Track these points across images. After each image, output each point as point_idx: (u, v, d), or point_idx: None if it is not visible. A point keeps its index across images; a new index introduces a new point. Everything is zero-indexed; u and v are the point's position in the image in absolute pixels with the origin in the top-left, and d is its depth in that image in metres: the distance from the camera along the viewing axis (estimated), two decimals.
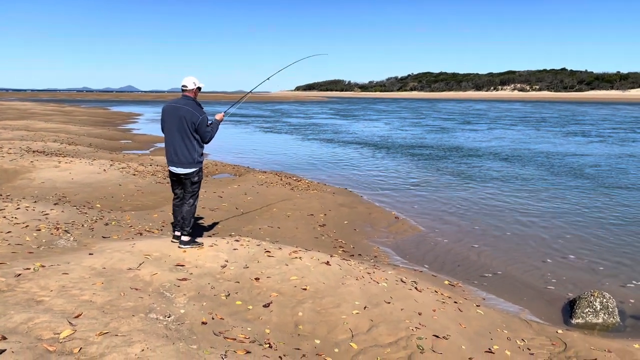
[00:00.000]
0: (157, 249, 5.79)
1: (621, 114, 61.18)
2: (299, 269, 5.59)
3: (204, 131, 5.88)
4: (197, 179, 6.05)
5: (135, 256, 5.50)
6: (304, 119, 50.17)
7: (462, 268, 7.39)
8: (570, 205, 11.54)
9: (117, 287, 4.64)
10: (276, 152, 22.32)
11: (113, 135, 27.37)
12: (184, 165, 5.89)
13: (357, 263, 6.29)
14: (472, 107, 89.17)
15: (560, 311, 5.98)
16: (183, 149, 5.83)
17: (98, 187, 10.45)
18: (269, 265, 5.60)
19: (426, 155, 20.90)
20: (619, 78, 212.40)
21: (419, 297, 5.36)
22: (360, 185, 13.96)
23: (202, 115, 5.88)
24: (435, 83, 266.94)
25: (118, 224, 7.50)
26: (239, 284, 5.07)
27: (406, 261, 7.54)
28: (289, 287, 5.11)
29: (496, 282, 6.83)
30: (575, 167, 17.32)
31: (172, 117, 5.86)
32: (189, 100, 5.91)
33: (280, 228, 8.42)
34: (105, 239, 6.56)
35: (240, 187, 11.63)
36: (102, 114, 52.05)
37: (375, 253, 7.76)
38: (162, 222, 7.98)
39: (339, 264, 5.99)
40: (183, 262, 5.46)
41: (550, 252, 8.17)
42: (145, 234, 7.05)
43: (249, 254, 5.90)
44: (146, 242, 6.15)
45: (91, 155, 16.10)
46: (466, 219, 10.31)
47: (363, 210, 10.43)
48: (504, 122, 44.63)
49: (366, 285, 5.41)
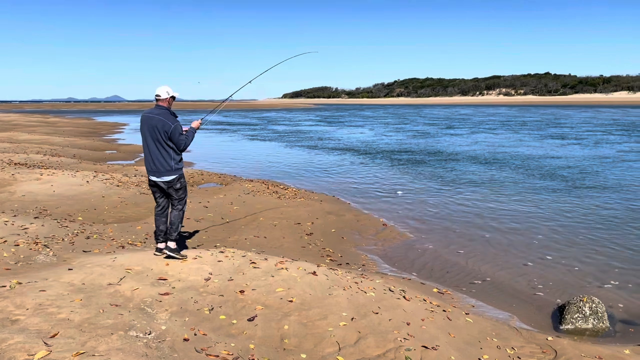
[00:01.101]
0: (139, 263, 5.64)
1: (603, 116, 61.91)
2: (285, 280, 5.48)
3: (178, 139, 5.83)
4: (180, 186, 6.01)
5: (116, 270, 5.36)
6: (291, 126, 50.11)
7: (451, 275, 7.32)
8: (550, 208, 11.56)
9: (96, 303, 4.49)
10: (263, 160, 22.20)
11: (98, 145, 27.08)
12: (162, 174, 5.86)
13: (345, 272, 6.19)
14: (458, 112, 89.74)
15: (549, 317, 5.93)
16: (159, 158, 5.82)
17: (80, 199, 10.25)
18: (255, 277, 5.48)
19: (411, 161, 20.92)
20: (602, 81, 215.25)
21: (407, 306, 5.27)
22: (348, 193, 13.89)
23: (174, 123, 5.81)
24: (422, 89, 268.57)
25: (100, 237, 7.34)
26: (223, 297, 4.95)
27: (394, 269, 7.46)
28: (274, 299, 5.00)
29: (485, 288, 6.76)
30: (553, 170, 17.41)
31: (147, 127, 5.85)
32: (162, 109, 5.89)
33: (266, 238, 8.30)
34: (86, 253, 6.40)
35: (227, 196, 11.49)
36: (87, 124, 51.59)
37: (363, 261, 7.67)
38: (145, 234, 7.82)
39: (326, 274, 5.89)
40: (165, 276, 5.32)
41: (536, 256, 8.14)
42: (127, 247, 6.90)
43: (233, 266, 5.78)
44: (128, 255, 6.00)
45: (75, 166, 15.86)
46: (453, 224, 10.27)
47: (351, 217, 10.34)
48: (487, 126, 44.93)
49: (354, 296, 5.31)
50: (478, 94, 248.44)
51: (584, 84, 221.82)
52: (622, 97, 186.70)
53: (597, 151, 23.45)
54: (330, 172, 18.16)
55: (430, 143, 29.20)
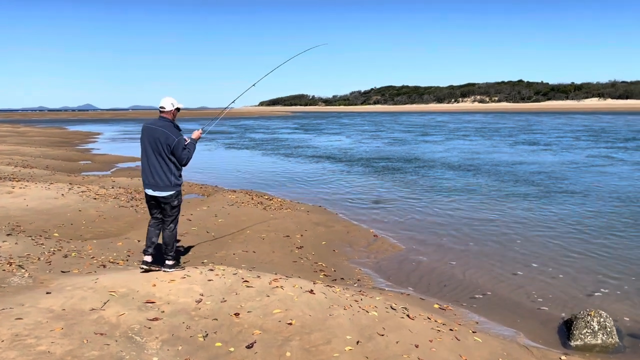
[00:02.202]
0: (123, 284, 5.24)
1: (575, 122, 63.11)
2: (282, 300, 5.14)
3: (181, 154, 5.68)
4: (177, 203, 5.89)
5: (98, 293, 4.95)
6: (269, 134, 49.72)
7: (450, 288, 7.07)
8: (538, 215, 11.47)
9: (79, 332, 4.09)
10: (243, 169, 21.78)
11: (71, 156, 26.29)
12: (160, 189, 5.69)
13: (343, 289, 5.88)
14: (435, 119, 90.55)
15: (556, 333, 5.71)
16: (159, 172, 5.65)
17: (56, 213, 9.73)
18: (249, 298, 5.13)
19: (391, 168, 20.78)
20: (574, 89, 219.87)
21: (412, 326, 4.99)
22: (334, 202, 13.61)
23: (178, 137, 5.64)
24: (398, 96, 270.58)
25: (78, 255, 6.88)
26: (217, 321, 4.59)
27: (391, 283, 7.18)
28: (272, 322, 4.66)
29: (486, 303, 6.52)
30: (537, 178, 17.44)
31: (149, 138, 5.66)
32: (166, 121, 5.73)
33: (255, 252, 7.94)
34: (65, 273, 5.95)
35: (210, 208, 11.09)
36: (60, 133, 50.34)
37: (357, 276, 7.37)
38: (127, 251, 7.39)
39: (324, 291, 5.57)
40: (153, 298, 4.94)
41: (532, 266, 7.96)
42: (109, 265, 6.47)
43: (225, 285, 5.42)
44: (111, 275, 5.59)
45: (48, 178, 15.23)
46: (443, 233, 10.08)
47: (340, 229, 10.05)
48: (464, 132, 45.27)
49: (355, 316, 5.00)
50: (453, 102, 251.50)
51: (556, 91, 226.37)
52: (592, 103, 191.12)
53: (581, 157, 23.69)
54: (313, 181, 17.87)
55: (409, 150, 29.21)
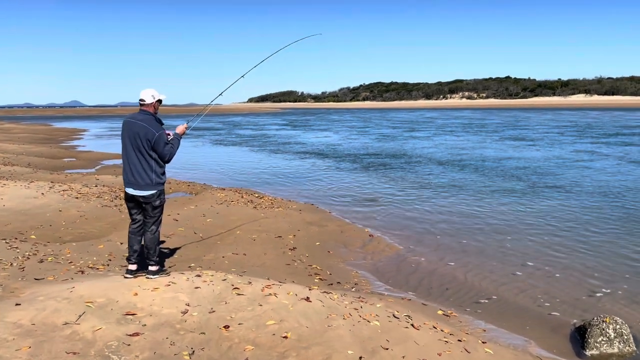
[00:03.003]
0: (102, 293, 4.78)
1: (563, 118, 63.31)
2: (276, 309, 4.72)
3: (162, 150, 5.23)
4: (159, 203, 5.42)
5: (74, 305, 4.49)
6: (258, 130, 49.16)
7: (452, 292, 6.69)
8: (534, 212, 11.18)
9: (49, 351, 3.65)
10: (232, 166, 21.30)
11: (55, 153, 25.61)
12: (140, 187, 5.25)
13: (341, 296, 5.46)
14: (424, 115, 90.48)
15: (568, 341, 5.35)
16: (139, 169, 5.21)
17: (34, 214, 9.21)
18: (240, 307, 4.70)
19: (382, 165, 20.44)
20: (560, 85, 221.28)
21: (418, 337, 4.59)
22: (325, 200, 13.20)
23: (158, 131, 5.21)
24: (387, 93, 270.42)
25: (55, 259, 6.40)
26: (205, 335, 4.15)
27: (390, 287, 6.78)
28: (266, 335, 4.24)
29: (491, 308, 6.15)
30: (531, 173, 17.18)
31: (128, 134, 5.24)
32: (146, 115, 5.31)
33: (246, 255, 7.50)
34: (39, 281, 5.47)
35: (198, 207, 10.62)
36: (44, 130, 49.42)
37: (355, 279, 6.96)
38: (108, 255, 6.91)
39: (321, 299, 5.15)
40: (134, 310, 4.49)
41: (534, 266, 7.62)
42: (88, 271, 5.99)
43: (214, 293, 4.98)
44: (89, 283, 5.12)
45: (29, 176, 14.65)
46: (439, 232, 9.73)
47: (334, 228, 9.64)
48: (453, 129, 45.09)
49: (356, 326, 4.60)
50: (442, 98, 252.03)
51: (543, 87, 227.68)
52: (579, 99, 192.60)
53: (568, 152, 23.52)
54: (304, 178, 17.45)
55: (398, 146, 28.90)
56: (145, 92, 5.34)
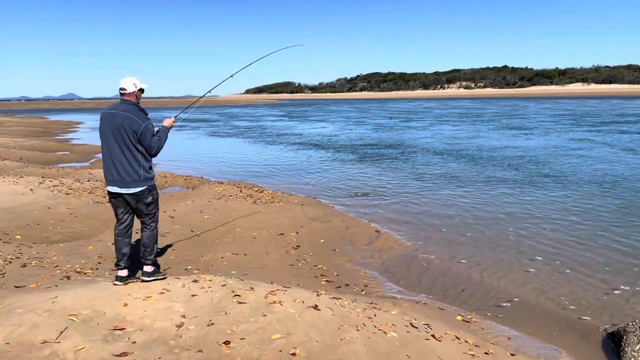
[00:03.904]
0: (87, 303, 4.30)
1: (561, 107, 62.80)
2: (281, 320, 4.24)
3: (150, 142, 4.78)
4: (152, 199, 4.96)
5: (55, 318, 4.01)
6: (255, 122, 48.54)
7: (469, 294, 6.22)
8: (543, 204, 10.70)
9: None
10: (229, 159, 20.77)
11: (49, 146, 25.01)
12: (128, 185, 4.77)
13: (351, 302, 4.98)
14: (422, 105, 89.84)
15: (600, 349, 4.89)
16: (125, 165, 4.74)
17: (21, 212, 8.69)
18: (241, 318, 4.23)
19: (382, 156, 19.94)
20: (558, 74, 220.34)
21: (441, 350, 4.12)
22: (326, 193, 12.71)
23: (145, 122, 4.76)
24: (384, 83, 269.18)
25: (40, 263, 5.89)
26: (203, 354, 3.68)
27: (402, 289, 6.31)
28: (272, 352, 3.76)
29: (514, 312, 5.68)
30: (538, 164, 16.70)
31: (110, 126, 4.75)
32: (129, 105, 4.83)
33: (247, 255, 7.01)
34: (19, 289, 4.97)
35: (195, 202, 10.11)
36: (39, 123, 48.73)
37: (364, 280, 6.49)
38: (98, 257, 6.41)
39: (331, 306, 4.68)
40: (123, 323, 4.01)
41: (553, 264, 7.15)
42: (74, 277, 5.49)
43: (212, 302, 4.50)
44: (74, 292, 4.63)
45: (19, 171, 14.10)
46: (449, 227, 9.26)
47: (338, 224, 9.15)
48: (454, 119, 44.55)
49: (372, 339, 4.12)
50: (439, 88, 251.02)
51: (541, 76, 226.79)
52: (577, 88, 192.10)
53: (573, 142, 23.05)
54: (303, 170, 16.95)
55: (398, 137, 28.40)
56: (125, 80, 4.84)
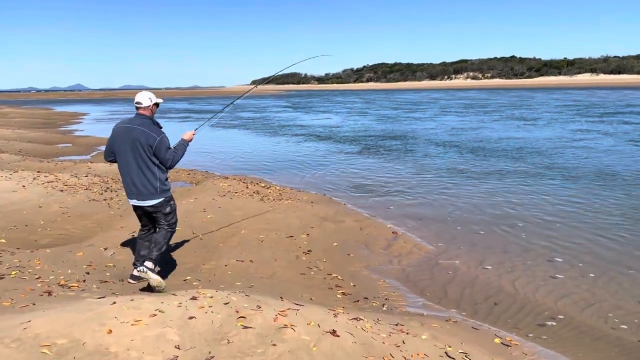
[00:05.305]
0: (65, 330, 3.62)
1: (571, 97, 61.57)
2: (294, 351, 3.56)
3: (165, 155, 4.94)
4: (170, 210, 5.18)
5: (24, 351, 3.33)
6: (260, 113, 47.79)
7: (502, 308, 5.52)
8: (571, 202, 9.93)
9: None
10: (233, 151, 20.07)
11: (51, 138, 24.42)
12: (144, 197, 5.01)
13: (374, 324, 4.30)
14: (430, 96, 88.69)
15: None
16: (142, 178, 4.94)
17: (10, 211, 8.05)
18: (247, 349, 3.55)
19: (393, 149, 19.18)
20: (566, 64, 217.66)
21: None
22: (337, 189, 12.01)
23: (159, 135, 4.91)
24: (391, 73, 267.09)
25: (20, 274, 5.22)
26: None
27: (427, 302, 5.62)
28: None
29: (560, 332, 4.96)
30: (566, 156, 15.91)
31: (125, 141, 4.91)
32: (144, 119, 5.00)
33: (253, 262, 6.33)
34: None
35: (198, 200, 9.45)
36: (44, 114, 48.20)
37: (384, 292, 5.79)
38: (87, 266, 5.74)
39: (351, 331, 3.99)
40: (105, 358, 3.33)
41: (595, 273, 6.43)
42: (56, 291, 4.82)
43: (213, 327, 3.83)
44: (51, 314, 3.96)
45: (15, 165, 13.50)
46: (470, 227, 8.56)
47: (352, 224, 8.45)
48: (463, 110, 43.61)
49: None
50: (446, 78, 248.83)
51: (549, 66, 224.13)
52: (585, 79, 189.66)
53: (596, 134, 22.20)
54: (310, 164, 16.24)
55: (408, 128, 27.57)
56: (141, 94, 5.06)
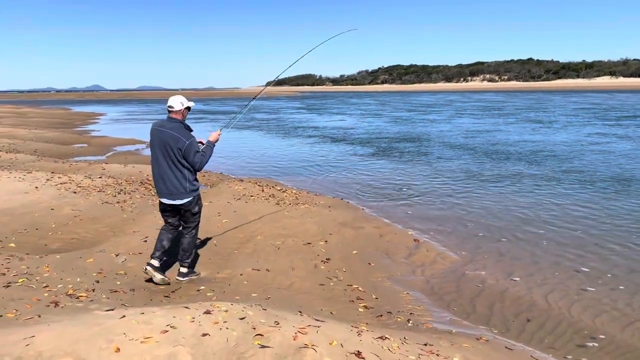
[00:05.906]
0: (70, 348, 3.36)
1: (590, 101, 60.47)
2: None
3: (193, 158, 5.17)
4: (198, 209, 5.50)
5: None
6: (276, 114, 47.63)
7: (536, 325, 5.16)
8: (609, 207, 9.49)
9: None
10: (248, 153, 19.84)
11: (67, 138, 24.45)
12: (175, 197, 5.26)
13: (401, 343, 3.98)
14: (446, 98, 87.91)
15: None
16: (172, 179, 5.20)
17: (21, 213, 7.88)
18: None
19: (412, 152, 18.78)
20: (585, 67, 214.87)
21: None
22: (355, 194, 11.69)
23: (189, 139, 5.12)
24: (406, 75, 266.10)
25: (28, 282, 5.00)
26: None
27: (455, 317, 5.28)
28: None
29: (601, 355, 4.59)
30: (595, 162, 15.41)
31: (157, 142, 5.19)
32: (174, 122, 5.21)
33: (270, 271, 6.04)
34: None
35: (213, 203, 9.20)
36: (61, 114, 48.60)
37: (408, 305, 5.46)
38: (97, 273, 5.50)
39: (377, 352, 3.68)
40: None
41: (633, 286, 6.04)
42: (63, 302, 4.57)
43: (228, 345, 3.54)
44: (56, 328, 3.70)
45: (30, 165, 13.40)
46: (496, 235, 8.20)
47: (372, 231, 8.13)
48: (482, 112, 42.98)
49: None
50: (462, 81, 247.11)
51: (567, 69, 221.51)
52: (604, 82, 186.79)
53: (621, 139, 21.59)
54: (324, 166, 15.95)
55: (423, 131, 27.10)
56: (174, 98, 5.25)
